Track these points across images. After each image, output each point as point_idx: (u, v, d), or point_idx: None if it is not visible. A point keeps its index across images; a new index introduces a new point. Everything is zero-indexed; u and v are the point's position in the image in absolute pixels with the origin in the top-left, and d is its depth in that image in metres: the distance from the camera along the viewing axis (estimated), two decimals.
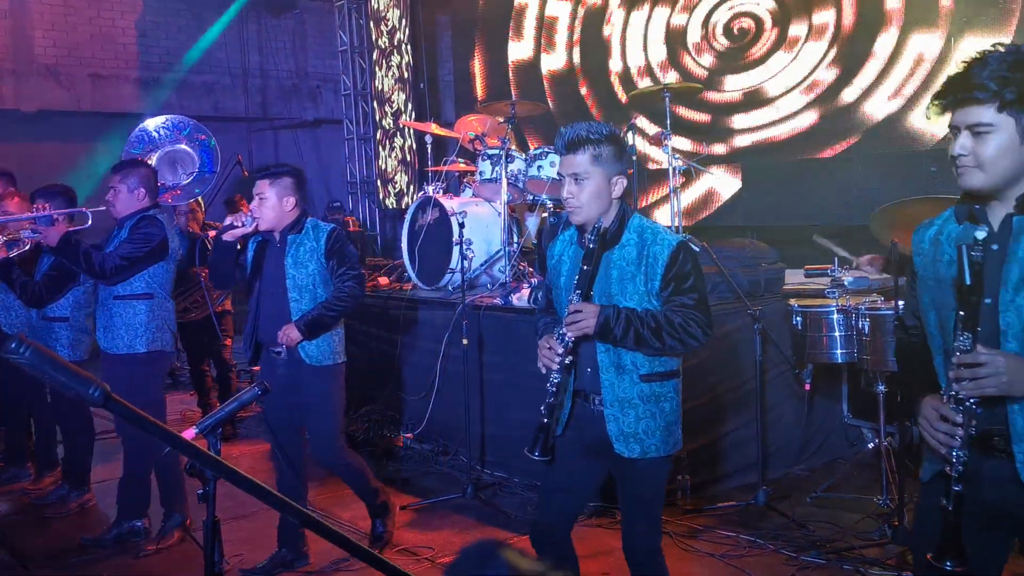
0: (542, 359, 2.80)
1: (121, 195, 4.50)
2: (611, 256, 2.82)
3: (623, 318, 2.69)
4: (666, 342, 2.70)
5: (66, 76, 10.56)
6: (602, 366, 2.80)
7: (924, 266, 2.20)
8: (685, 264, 2.76)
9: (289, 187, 4.09)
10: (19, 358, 1.00)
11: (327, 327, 4.07)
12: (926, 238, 2.23)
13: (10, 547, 4.55)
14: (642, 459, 2.79)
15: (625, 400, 2.78)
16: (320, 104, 12.51)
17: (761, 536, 4.25)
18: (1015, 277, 1.99)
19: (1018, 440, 2.01)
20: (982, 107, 1.97)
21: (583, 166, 2.79)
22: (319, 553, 4.20)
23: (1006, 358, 1.95)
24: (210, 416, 2.02)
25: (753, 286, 5.22)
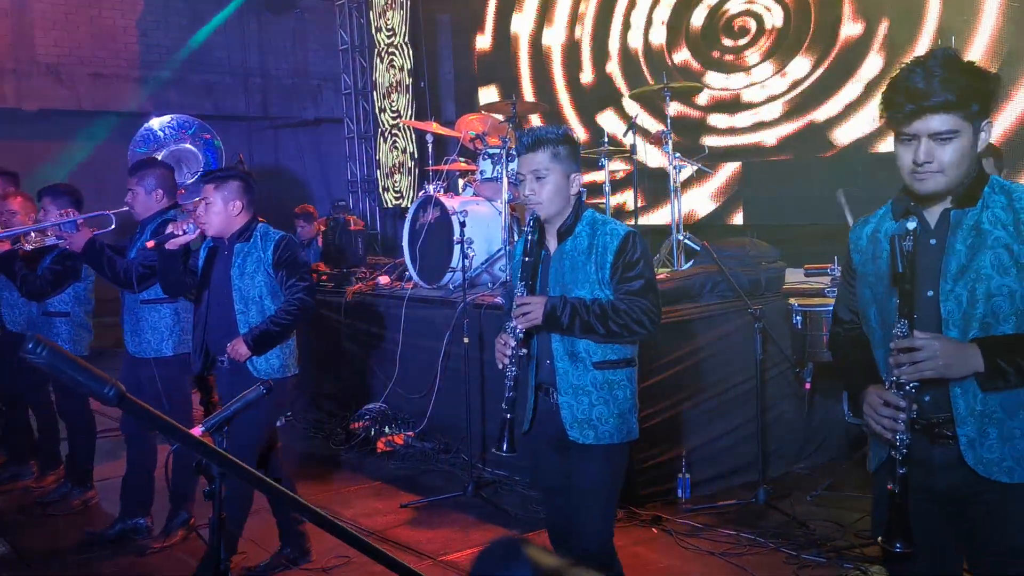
0: (497, 355, 2.89)
1: (139, 197, 4.47)
2: (564, 247, 2.93)
3: (568, 307, 2.79)
4: (611, 328, 2.77)
5: (67, 75, 10.57)
6: (556, 354, 2.89)
7: (863, 263, 2.28)
8: (633, 252, 2.84)
9: (236, 191, 3.94)
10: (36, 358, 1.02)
11: (276, 341, 3.92)
12: (863, 235, 2.32)
13: (14, 544, 4.57)
14: (596, 445, 2.86)
15: (579, 387, 2.87)
16: (320, 103, 12.51)
17: (761, 534, 4.27)
18: (954, 268, 2.09)
19: (961, 423, 2.09)
20: (946, 115, 2.04)
21: (543, 163, 2.89)
22: (322, 551, 4.22)
23: (941, 342, 2.04)
24: (216, 415, 2.04)
25: (753, 285, 5.24)
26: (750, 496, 4.66)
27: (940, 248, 2.13)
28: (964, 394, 2.09)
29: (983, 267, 2.06)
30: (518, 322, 2.83)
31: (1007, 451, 2.07)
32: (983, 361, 2.03)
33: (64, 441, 5.33)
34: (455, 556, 4.21)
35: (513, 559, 0.58)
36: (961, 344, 2.06)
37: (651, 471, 4.79)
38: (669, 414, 4.84)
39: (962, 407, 2.09)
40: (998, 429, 2.08)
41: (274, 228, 4.05)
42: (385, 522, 4.73)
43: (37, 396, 5.44)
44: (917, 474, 2.13)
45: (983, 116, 2.09)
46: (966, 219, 2.11)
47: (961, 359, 2.04)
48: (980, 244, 2.09)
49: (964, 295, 2.08)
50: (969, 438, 2.09)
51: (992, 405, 2.07)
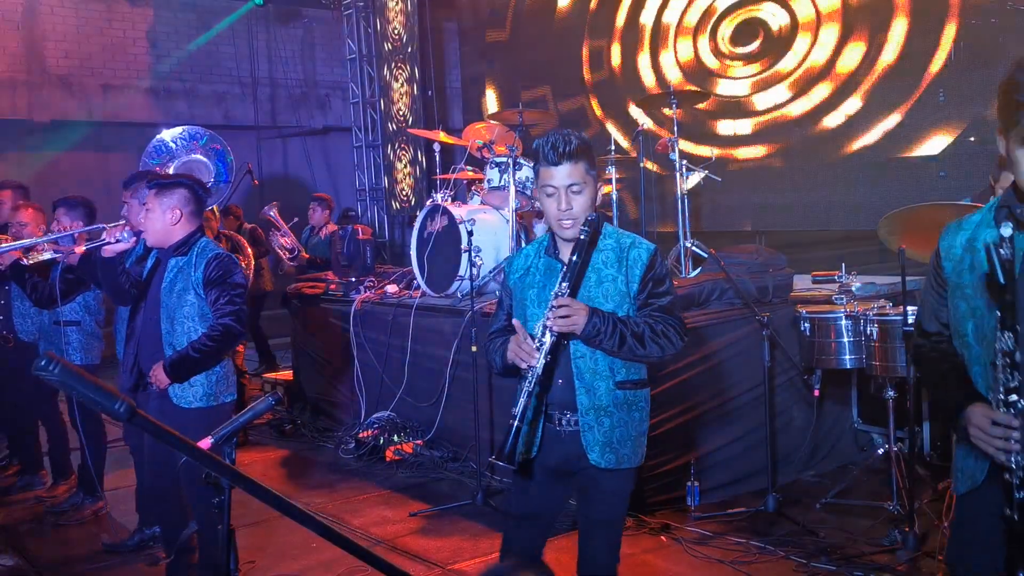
0: (519, 356, 2.62)
1: (134, 209, 4.45)
2: (591, 260, 2.76)
3: (611, 322, 2.62)
4: (648, 347, 2.64)
5: (78, 87, 10.66)
6: (577, 372, 2.72)
7: (957, 273, 2.11)
8: (662, 268, 2.76)
9: (179, 200, 3.71)
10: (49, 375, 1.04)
11: (196, 368, 3.62)
12: (957, 243, 2.14)
13: (25, 554, 4.60)
14: (616, 470, 2.72)
15: (601, 408, 2.72)
16: (329, 112, 12.59)
17: (771, 542, 4.26)
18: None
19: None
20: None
21: (581, 175, 2.71)
22: (331, 561, 4.23)
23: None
24: (225, 426, 2.05)
25: (761, 292, 5.24)
26: (759, 504, 4.65)
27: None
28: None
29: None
30: (554, 324, 2.58)
31: None
32: None
33: (76, 451, 5.36)
34: (464, 565, 4.22)
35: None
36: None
37: (660, 479, 4.79)
38: (677, 421, 4.83)
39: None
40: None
41: (215, 243, 3.81)
42: (394, 531, 4.74)
43: (47, 406, 5.48)
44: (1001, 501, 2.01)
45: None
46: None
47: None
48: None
49: None
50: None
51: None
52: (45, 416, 5.52)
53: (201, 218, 3.84)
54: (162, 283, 3.69)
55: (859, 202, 7.02)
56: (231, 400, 3.80)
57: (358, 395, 6.48)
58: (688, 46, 8.31)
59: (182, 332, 3.64)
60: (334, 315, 6.80)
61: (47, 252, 4.77)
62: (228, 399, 3.78)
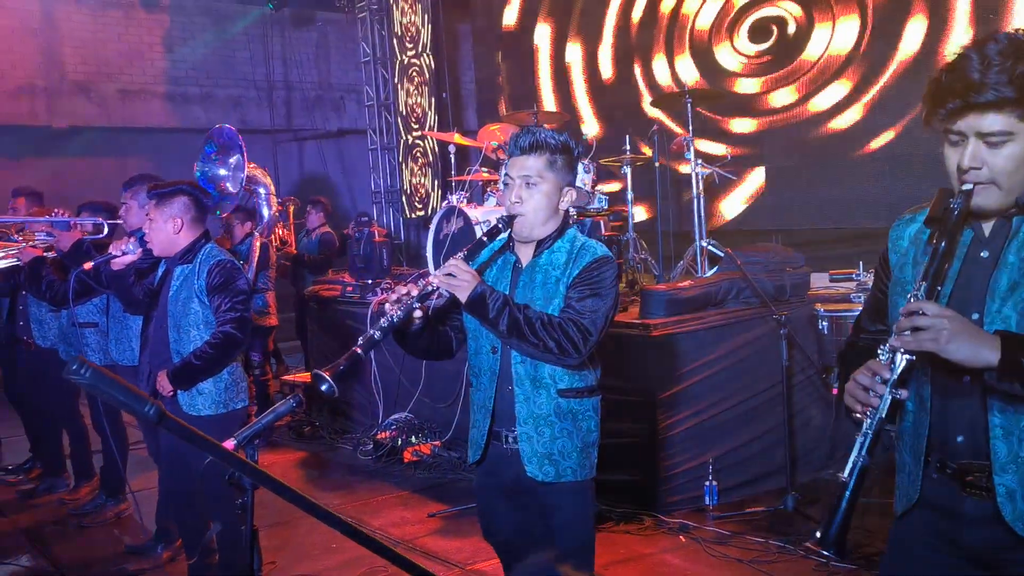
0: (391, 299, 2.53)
1: (132, 210, 4.56)
2: (539, 260, 2.67)
3: (501, 298, 2.50)
4: (540, 335, 2.47)
5: (96, 92, 10.75)
6: (516, 378, 2.61)
7: (901, 266, 1.93)
8: (602, 270, 2.59)
9: (180, 208, 3.72)
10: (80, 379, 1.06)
11: (200, 376, 3.61)
12: (906, 235, 1.99)
13: (48, 555, 4.65)
14: (556, 483, 2.60)
15: (540, 417, 2.59)
16: (344, 115, 12.64)
17: (790, 541, 4.25)
18: (1004, 285, 1.77)
19: (1000, 471, 1.76)
20: (999, 113, 1.70)
21: (536, 169, 2.62)
22: (351, 561, 4.26)
23: (956, 317, 1.68)
24: (248, 428, 2.06)
25: (778, 291, 5.22)
26: (778, 503, 4.64)
27: (993, 262, 1.80)
28: (1006, 436, 1.76)
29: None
30: (435, 277, 2.50)
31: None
32: (999, 354, 1.64)
33: (97, 453, 5.42)
34: (484, 565, 4.23)
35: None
36: (980, 329, 1.71)
37: (678, 478, 4.79)
38: (695, 421, 4.83)
39: (1003, 452, 1.76)
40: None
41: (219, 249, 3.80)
42: (413, 531, 4.76)
43: (69, 410, 5.53)
44: (942, 523, 1.87)
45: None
46: (1020, 228, 1.79)
47: (972, 341, 1.65)
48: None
49: (1013, 317, 1.74)
50: (1008, 489, 1.75)
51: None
52: (67, 419, 5.58)
53: (204, 224, 3.83)
54: (169, 292, 3.69)
55: (876, 199, 6.99)
56: (242, 407, 3.78)
57: (376, 396, 6.50)
58: (704, 44, 8.29)
59: (188, 340, 3.62)
60: (351, 317, 6.83)
61: (40, 234, 4.83)
62: (239, 405, 3.75)
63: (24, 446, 6.22)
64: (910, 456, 1.93)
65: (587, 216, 6.14)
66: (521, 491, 2.67)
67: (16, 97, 10.24)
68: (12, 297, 5.67)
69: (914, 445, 1.91)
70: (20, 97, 10.27)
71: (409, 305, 2.47)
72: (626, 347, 4.82)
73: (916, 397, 1.90)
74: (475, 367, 2.76)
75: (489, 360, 2.69)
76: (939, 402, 1.86)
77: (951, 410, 1.84)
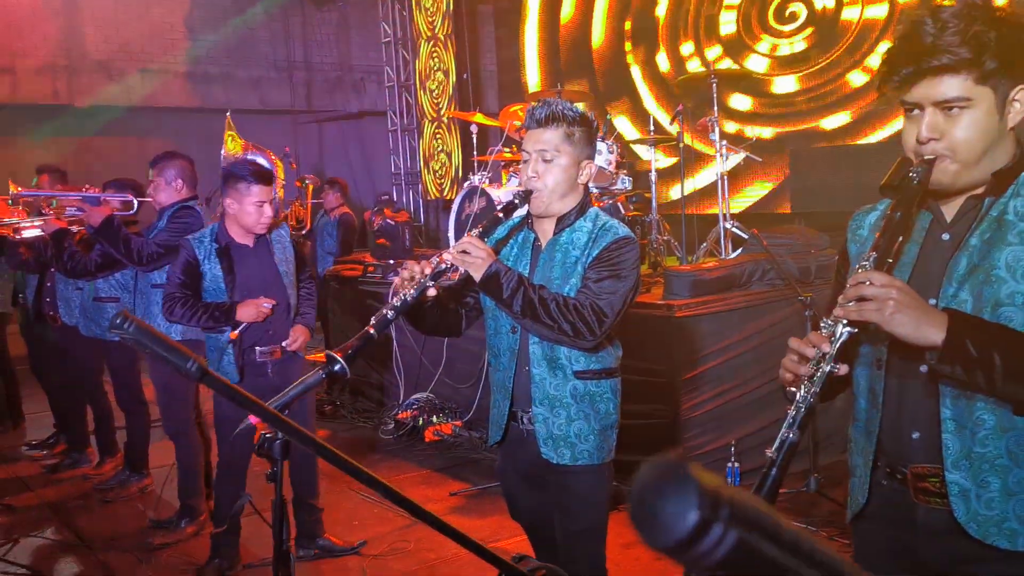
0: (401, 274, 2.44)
1: (160, 187, 4.58)
2: (559, 239, 2.60)
3: (516, 277, 2.43)
4: (555, 317, 2.41)
5: (117, 72, 10.79)
6: (533, 359, 2.56)
7: (861, 256, 1.74)
8: (621, 251, 2.51)
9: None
10: (124, 333, 1.05)
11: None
12: (866, 224, 1.91)
13: (75, 529, 4.70)
14: (573, 466, 2.55)
15: (556, 399, 2.54)
16: (364, 96, 12.63)
17: (812, 523, 4.24)
18: (962, 268, 1.66)
19: (952, 468, 1.65)
20: (955, 77, 1.60)
21: (553, 143, 2.54)
22: (376, 538, 4.27)
23: (904, 289, 1.57)
24: (279, 397, 2.06)
25: (803, 273, 5.18)
26: (801, 485, 4.61)
27: (954, 245, 1.69)
28: (959, 430, 1.64)
29: (996, 267, 1.61)
30: (448, 254, 2.43)
31: (1011, 508, 1.61)
32: (945, 334, 1.53)
33: (121, 429, 5.46)
34: (505, 543, 4.23)
35: (679, 475, 0.59)
36: (929, 305, 1.59)
37: (700, 460, 4.77)
38: (718, 403, 4.81)
39: (955, 447, 1.64)
40: (1002, 480, 1.61)
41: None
42: (435, 510, 4.69)
43: (93, 386, 5.57)
44: (898, 537, 1.77)
45: (1011, 79, 1.61)
46: (990, 209, 1.67)
47: (918, 316, 1.53)
48: (998, 239, 1.63)
49: (969, 301, 1.63)
50: (961, 488, 1.64)
51: (996, 448, 1.62)
52: (91, 395, 5.62)
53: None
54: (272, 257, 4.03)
55: None
56: None
57: (397, 376, 6.51)
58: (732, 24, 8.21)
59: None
60: (371, 297, 6.84)
61: (70, 209, 4.87)
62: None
63: (49, 422, 6.28)
64: (860, 458, 1.85)
65: (605, 196, 6.11)
66: (539, 472, 2.63)
67: (38, 76, 10.29)
68: (41, 275, 5.71)
69: (865, 446, 1.82)
70: (42, 76, 10.32)
71: (423, 283, 2.39)
72: (649, 328, 4.79)
73: (868, 393, 1.81)
74: (494, 347, 2.72)
75: (508, 340, 2.64)
76: (893, 396, 1.76)
77: (906, 404, 1.74)
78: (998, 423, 1.63)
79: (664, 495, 0.60)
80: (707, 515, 0.59)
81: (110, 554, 4.36)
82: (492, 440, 2.74)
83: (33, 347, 6.17)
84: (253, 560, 4.14)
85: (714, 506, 0.60)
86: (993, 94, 1.61)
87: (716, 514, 0.60)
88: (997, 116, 1.63)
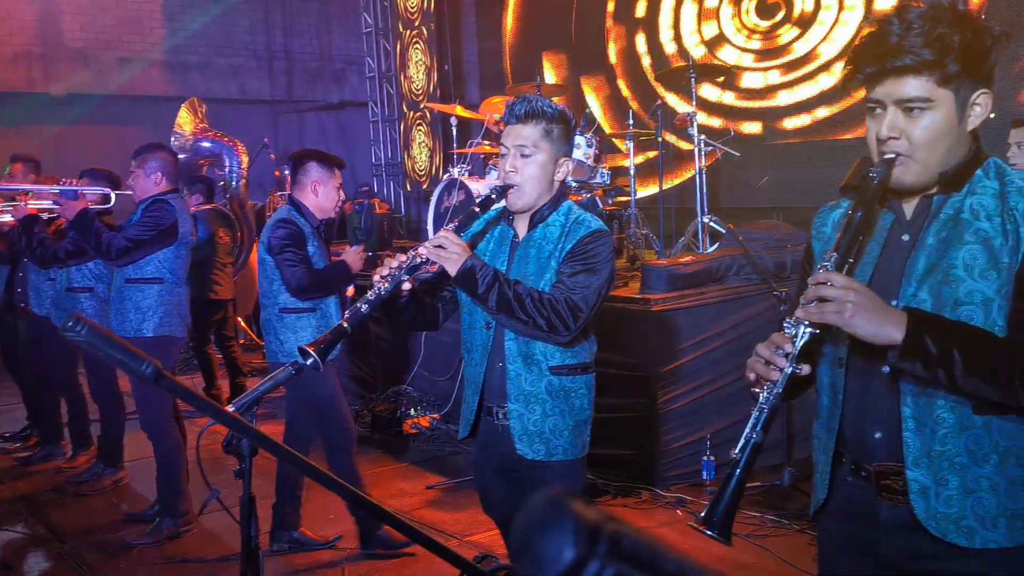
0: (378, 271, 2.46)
1: (139, 179, 4.51)
2: (534, 234, 2.60)
3: (492, 272, 2.43)
4: (530, 311, 2.41)
5: (94, 60, 10.65)
6: (509, 355, 2.56)
7: (824, 254, 1.73)
8: (595, 244, 2.52)
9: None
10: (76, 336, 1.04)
11: None
12: (829, 221, 1.92)
13: (47, 523, 4.66)
14: (547, 462, 2.56)
15: (531, 395, 2.55)
16: (345, 86, 12.54)
17: (786, 516, 4.27)
18: (921, 268, 1.67)
19: (913, 465, 1.67)
20: (918, 78, 1.61)
21: (531, 139, 2.55)
22: (349, 533, 4.26)
23: (863, 290, 1.59)
24: (246, 395, 2.05)
25: (779, 267, 5.21)
26: (775, 478, 4.64)
27: (912, 245, 1.71)
28: (919, 428, 1.66)
29: (954, 266, 1.63)
30: (424, 248, 2.41)
31: (969, 506, 1.63)
32: (904, 332, 1.55)
33: (95, 422, 5.42)
34: (481, 537, 4.24)
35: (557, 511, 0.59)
36: (888, 305, 1.61)
37: (676, 453, 4.79)
38: (694, 397, 4.83)
39: (915, 445, 1.66)
40: (960, 478, 1.64)
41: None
42: (411, 503, 4.77)
43: (67, 378, 5.53)
44: (861, 533, 1.78)
45: (973, 82, 1.64)
46: (946, 207, 1.68)
47: (877, 316, 1.55)
48: (955, 237, 1.65)
49: (928, 301, 1.65)
50: (921, 485, 1.65)
51: (956, 447, 1.64)
52: (65, 387, 5.58)
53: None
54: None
55: None
56: None
57: (375, 369, 6.50)
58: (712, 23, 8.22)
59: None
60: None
61: (46, 201, 4.82)
62: None
63: (21, 414, 6.22)
64: (823, 455, 1.86)
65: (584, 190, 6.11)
66: (513, 467, 2.64)
67: (13, 64, 10.15)
68: (12, 265, 5.66)
69: (827, 442, 1.83)
70: (17, 64, 10.18)
71: (397, 277, 2.39)
72: (626, 322, 4.81)
73: (829, 390, 1.82)
74: (468, 342, 2.73)
75: (482, 336, 2.64)
76: (856, 395, 1.77)
77: (868, 403, 1.74)
78: (957, 422, 1.65)
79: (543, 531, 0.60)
80: (583, 551, 0.60)
81: (83, 548, 4.33)
82: (461, 435, 2.75)
83: (5, 338, 6.11)
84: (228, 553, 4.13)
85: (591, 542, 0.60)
86: (954, 96, 1.63)
87: (593, 550, 0.60)
88: (957, 118, 1.65)
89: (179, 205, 4.52)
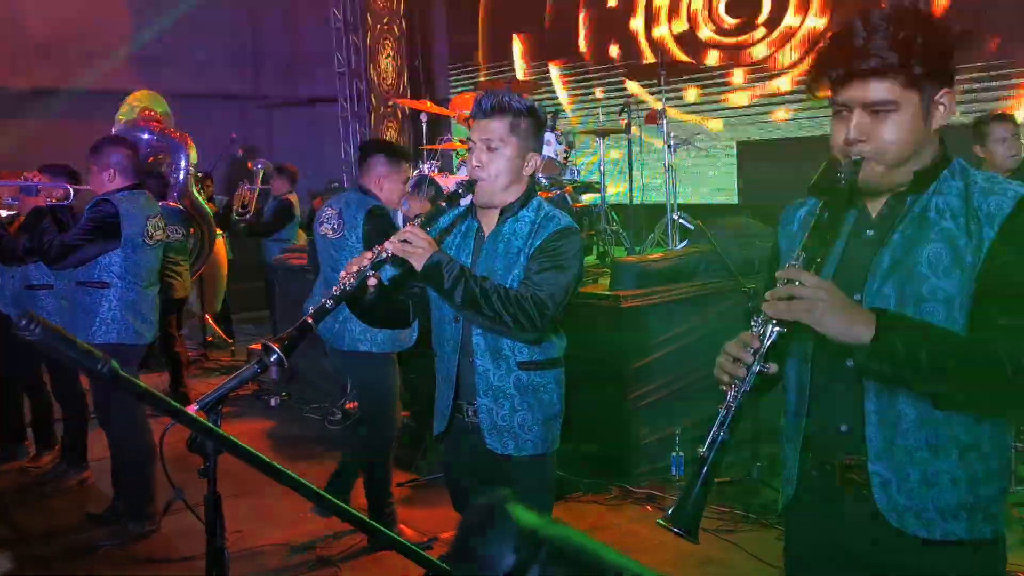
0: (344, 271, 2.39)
1: (94, 176, 4.30)
2: (502, 229, 2.59)
3: (458, 267, 2.39)
4: (496, 307, 2.39)
5: (58, 54, 10.49)
6: (477, 350, 2.56)
7: (789, 253, 1.72)
8: (563, 241, 2.51)
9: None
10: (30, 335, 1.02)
11: None
12: (796, 219, 1.93)
13: (11, 523, 4.59)
14: (517, 457, 2.56)
15: (499, 390, 2.55)
16: (314, 82, 12.45)
17: (754, 511, 4.30)
18: (885, 264, 1.69)
19: (875, 458, 1.70)
20: (883, 81, 1.63)
21: (499, 133, 2.52)
22: (318, 531, 4.24)
23: (834, 290, 1.59)
24: (211, 393, 2.02)
25: (747, 264, 5.25)
26: (743, 473, 4.68)
27: (878, 241, 1.73)
28: (881, 423, 1.69)
29: (919, 263, 1.65)
30: (390, 244, 2.37)
31: (930, 499, 1.66)
32: (873, 332, 1.55)
33: (59, 421, 5.34)
34: (451, 534, 4.23)
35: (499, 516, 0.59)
36: (857, 305, 1.62)
37: (645, 449, 4.82)
38: (663, 393, 4.86)
39: (877, 439, 1.69)
40: (921, 471, 1.67)
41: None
42: None
43: (31, 377, 5.44)
44: (828, 528, 1.80)
45: (937, 84, 1.66)
46: (913, 206, 1.71)
47: (845, 316, 1.56)
48: (921, 236, 1.67)
49: (892, 296, 1.67)
50: (883, 478, 1.69)
51: (916, 440, 1.67)
52: (29, 386, 5.49)
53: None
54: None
55: None
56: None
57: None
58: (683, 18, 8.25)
59: None
60: None
61: (7, 199, 4.74)
62: None
63: None
64: (791, 450, 1.88)
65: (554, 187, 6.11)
66: (483, 463, 2.64)
67: None
68: None
69: (794, 437, 1.86)
70: None
71: (363, 273, 2.35)
72: (596, 318, 4.82)
73: (796, 385, 1.85)
74: (438, 337, 2.71)
75: (451, 330, 2.63)
76: (821, 390, 1.79)
77: (834, 398, 1.77)
78: (919, 416, 1.68)
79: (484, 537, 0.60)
80: (524, 557, 0.60)
81: (48, 549, 4.27)
82: (437, 430, 2.73)
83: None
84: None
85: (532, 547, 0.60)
86: (919, 97, 1.65)
87: (534, 555, 0.60)
88: (923, 119, 1.67)
89: (131, 203, 4.24)
